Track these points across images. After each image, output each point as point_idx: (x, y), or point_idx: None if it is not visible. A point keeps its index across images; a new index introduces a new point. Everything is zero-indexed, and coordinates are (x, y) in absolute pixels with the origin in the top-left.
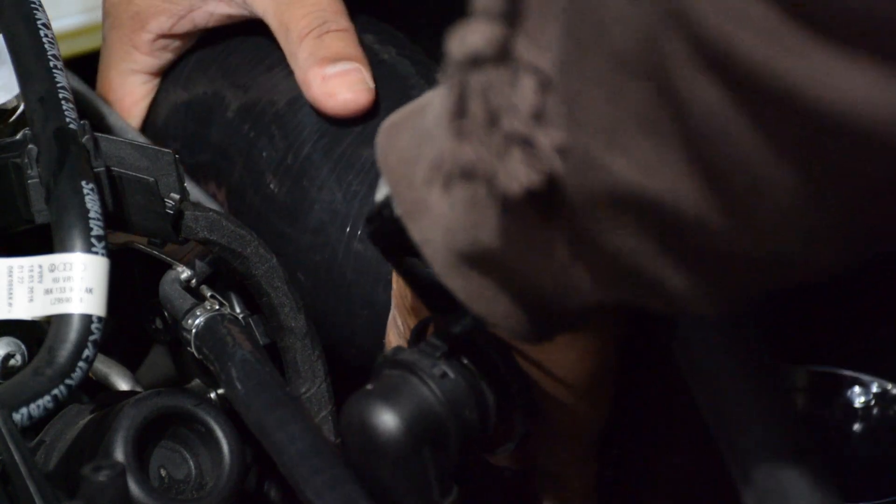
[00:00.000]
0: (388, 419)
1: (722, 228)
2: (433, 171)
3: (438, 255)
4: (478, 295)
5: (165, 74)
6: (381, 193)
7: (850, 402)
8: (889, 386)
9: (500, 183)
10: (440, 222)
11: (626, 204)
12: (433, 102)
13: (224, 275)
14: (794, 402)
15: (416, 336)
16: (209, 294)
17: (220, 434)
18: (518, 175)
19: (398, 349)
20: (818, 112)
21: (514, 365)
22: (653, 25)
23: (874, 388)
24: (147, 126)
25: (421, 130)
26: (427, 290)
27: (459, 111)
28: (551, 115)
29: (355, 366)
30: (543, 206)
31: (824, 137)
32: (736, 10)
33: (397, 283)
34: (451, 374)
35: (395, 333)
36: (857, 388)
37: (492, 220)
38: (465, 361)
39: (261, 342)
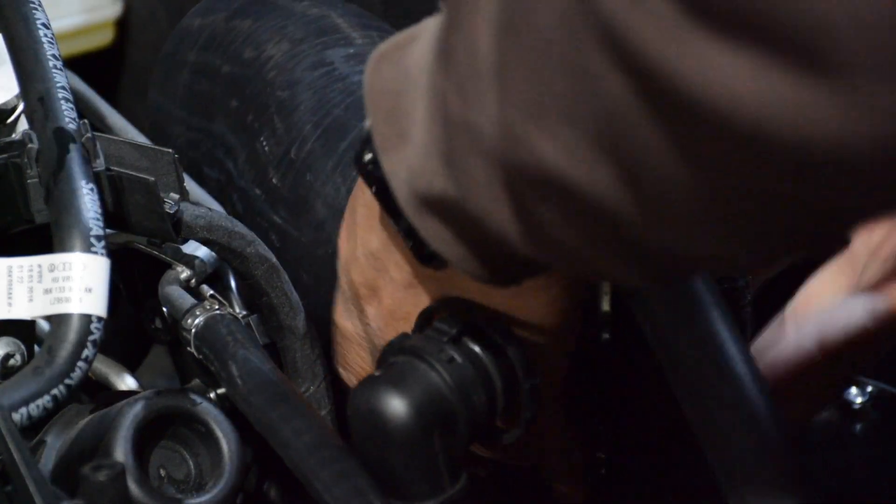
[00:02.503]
0: (397, 405)
1: (635, 219)
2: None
3: (402, 191)
4: (437, 236)
5: (171, 61)
6: (368, 122)
7: (848, 403)
8: (885, 387)
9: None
10: (405, 161)
11: (549, 183)
12: (422, 37)
13: (224, 274)
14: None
15: (422, 322)
16: (209, 294)
17: (219, 434)
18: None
19: (404, 336)
20: (704, 104)
21: (521, 349)
22: (569, 12)
23: (869, 389)
24: (151, 116)
25: (404, 65)
26: (404, 226)
27: (444, 54)
28: (485, 85)
29: None
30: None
31: (713, 132)
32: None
33: (350, 238)
34: (459, 359)
35: (347, 317)
36: (854, 390)
37: (445, 171)
38: (472, 346)
39: (260, 342)
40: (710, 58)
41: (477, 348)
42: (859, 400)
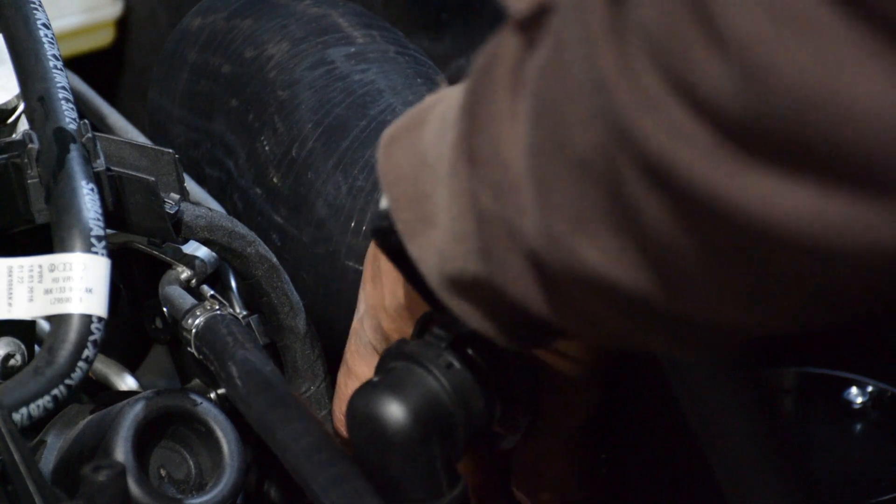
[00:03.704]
0: (395, 410)
1: (677, 309)
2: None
3: (433, 274)
4: (470, 313)
5: (171, 61)
6: (384, 202)
7: (848, 403)
8: (884, 387)
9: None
10: (434, 245)
11: (591, 281)
12: (430, 120)
13: (224, 274)
14: (783, 404)
15: (420, 328)
16: (209, 294)
17: (219, 434)
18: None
19: (402, 341)
20: (757, 227)
21: (518, 355)
22: (606, 140)
23: (869, 389)
24: (151, 115)
25: (418, 150)
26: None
27: (468, 146)
28: (524, 192)
29: None
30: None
31: (764, 249)
32: (678, 130)
33: (374, 286)
34: (457, 365)
35: (356, 338)
36: (854, 389)
37: (479, 260)
38: (470, 352)
39: (261, 342)
40: (765, 187)
41: (475, 354)
42: (859, 400)
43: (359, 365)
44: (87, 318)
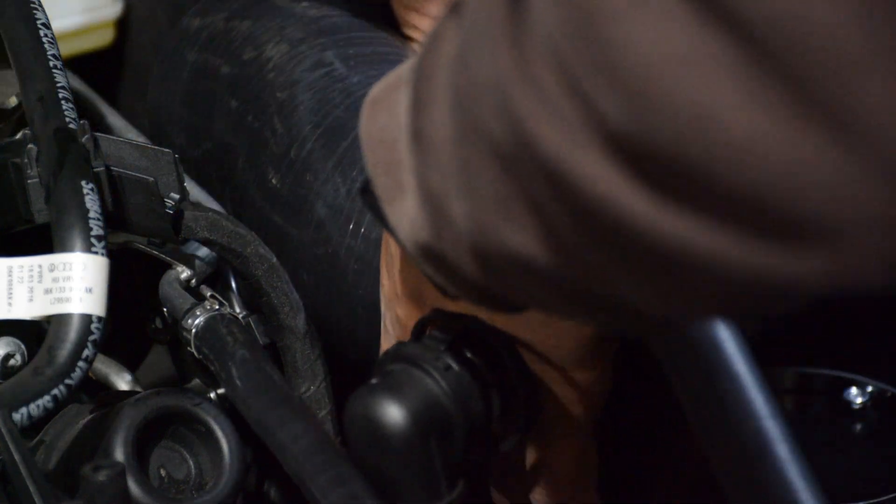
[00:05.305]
0: (394, 412)
1: (594, 290)
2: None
3: (407, 241)
4: (446, 282)
5: (171, 61)
6: (368, 170)
7: (848, 403)
8: (884, 387)
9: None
10: (406, 212)
11: (517, 261)
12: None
13: (224, 274)
14: (783, 404)
15: (418, 330)
16: (209, 294)
17: (219, 434)
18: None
19: (401, 344)
20: (638, 236)
21: (517, 356)
22: (510, 137)
23: (869, 389)
24: (151, 115)
25: (396, 113)
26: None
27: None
28: (451, 178)
29: (355, 360)
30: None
31: (640, 250)
32: (573, 136)
33: (389, 276)
34: (455, 367)
35: (386, 337)
36: (854, 389)
37: (430, 230)
38: (468, 354)
39: (261, 342)
40: (648, 202)
41: (473, 355)
42: (859, 400)
43: None
44: (87, 318)
